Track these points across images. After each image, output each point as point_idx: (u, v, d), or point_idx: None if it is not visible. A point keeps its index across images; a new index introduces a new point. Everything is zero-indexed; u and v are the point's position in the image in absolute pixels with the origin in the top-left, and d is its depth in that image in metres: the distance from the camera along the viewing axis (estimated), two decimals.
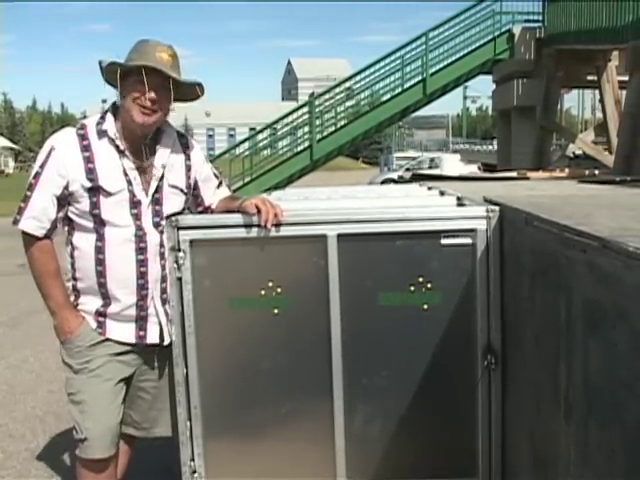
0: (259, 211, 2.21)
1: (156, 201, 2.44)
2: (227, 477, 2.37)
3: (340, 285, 2.26)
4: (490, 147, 44.30)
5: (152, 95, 2.31)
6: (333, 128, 16.24)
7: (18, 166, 52.61)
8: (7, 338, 6.48)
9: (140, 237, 2.40)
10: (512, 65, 15.97)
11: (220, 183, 2.69)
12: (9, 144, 54.37)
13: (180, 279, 2.25)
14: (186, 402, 2.30)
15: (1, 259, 10.78)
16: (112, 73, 2.31)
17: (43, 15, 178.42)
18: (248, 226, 2.25)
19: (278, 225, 2.24)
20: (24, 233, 2.40)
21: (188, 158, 2.56)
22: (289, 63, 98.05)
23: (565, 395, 1.71)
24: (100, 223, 2.37)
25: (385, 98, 16.22)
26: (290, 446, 2.37)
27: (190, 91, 2.43)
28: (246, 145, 17.22)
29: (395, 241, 2.28)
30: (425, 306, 2.28)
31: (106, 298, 2.42)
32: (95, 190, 2.35)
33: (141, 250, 2.40)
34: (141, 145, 2.42)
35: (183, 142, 2.57)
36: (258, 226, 2.23)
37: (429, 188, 3.51)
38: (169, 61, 2.32)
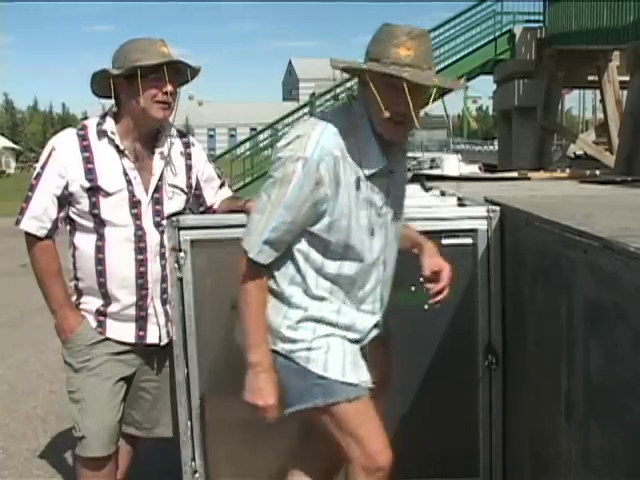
0: None
1: (156, 201, 2.44)
2: (228, 477, 2.37)
3: None
4: (491, 147, 44.23)
5: (171, 88, 2.33)
6: None
7: (19, 166, 52.55)
8: (8, 338, 6.47)
9: (140, 237, 2.40)
10: (513, 65, 15.97)
11: (222, 184, 2.68)
12: (10, 144, 54.31)
13: (181, 279, 2.25)
14: (187, 402, 2.30)
15: (3, 259, 10.77)
16: (131, 77, 2.30)
17: (45, 16, 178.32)
18: None
19: None
20: (26, 233, 2.40)
21: (189, 158, 2.55)
22: (290, 63, 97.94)
23: (566, 395, 1.71)
24: (100, 223, 2.38)
25: None
26: (291, 446, 2.36)
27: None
28: (247, 145, 17.23)
29: None
30: (426, 306, 2.27)
31: (106, 298, 2.42)
32: (94, 190, 2.36)
33: (140, 250, 2.40)
34: (141, 145, 2.42)
35: (184, 141, 2.56)
36: None
37: (430, 188, 3.51)
38: (170, 53, 2.36)
